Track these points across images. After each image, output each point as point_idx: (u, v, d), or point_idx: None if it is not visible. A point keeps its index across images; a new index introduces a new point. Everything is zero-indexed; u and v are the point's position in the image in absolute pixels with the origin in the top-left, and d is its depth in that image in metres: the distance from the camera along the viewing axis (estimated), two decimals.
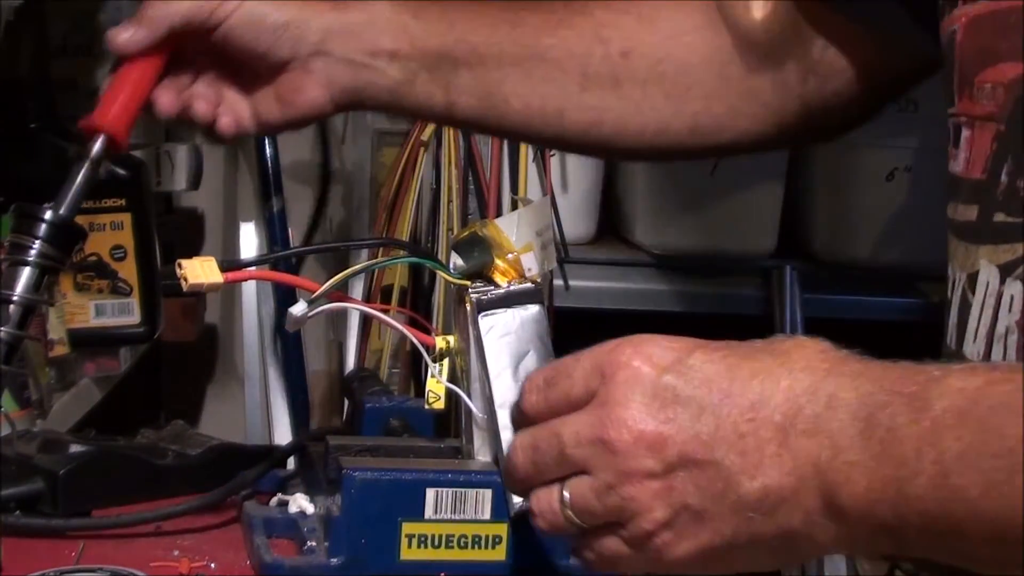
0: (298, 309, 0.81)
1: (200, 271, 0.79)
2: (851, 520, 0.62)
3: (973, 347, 0.77)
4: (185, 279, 0.79)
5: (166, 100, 0.92)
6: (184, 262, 0.80)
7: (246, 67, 0.93)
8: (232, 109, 0.94)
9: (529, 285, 0.82)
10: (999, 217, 0.76)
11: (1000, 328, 0.75)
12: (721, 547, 0.66)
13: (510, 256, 0.83)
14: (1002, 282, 0.75)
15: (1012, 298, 0.73)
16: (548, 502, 0.69)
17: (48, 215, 0.86)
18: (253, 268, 0.84)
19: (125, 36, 0.90)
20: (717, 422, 0.65)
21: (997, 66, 0.77)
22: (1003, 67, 0.76)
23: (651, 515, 0.66)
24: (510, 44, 0.96)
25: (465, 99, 0.96)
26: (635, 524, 0.66)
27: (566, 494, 0.68)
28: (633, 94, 0.98)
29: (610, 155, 1.22)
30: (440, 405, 0.83)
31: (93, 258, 1.45)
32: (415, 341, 0.83)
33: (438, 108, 0.96)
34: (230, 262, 0.81)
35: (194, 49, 0.93)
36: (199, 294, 1.32)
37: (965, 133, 0.80)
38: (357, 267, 0.91)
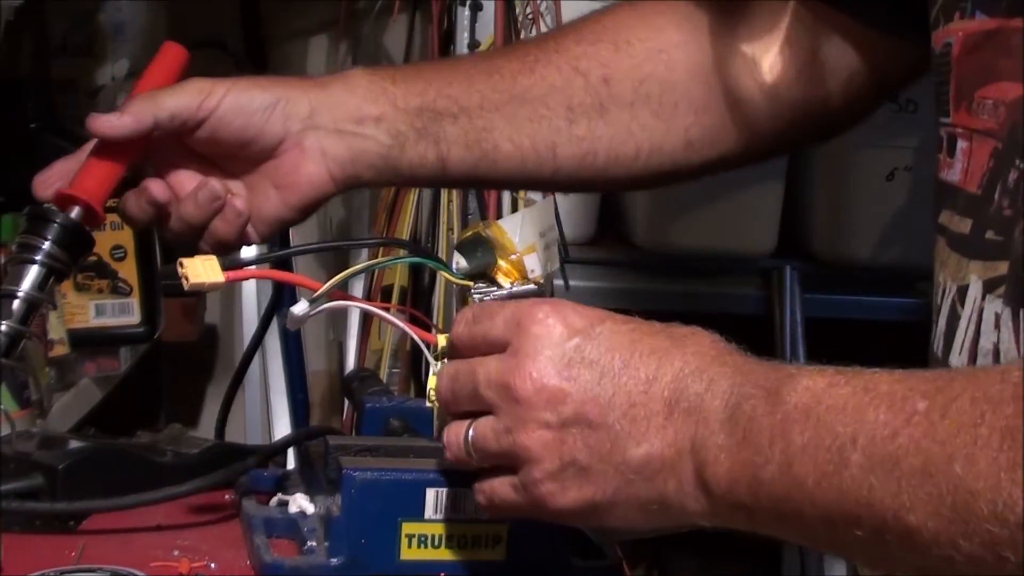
0: (300, 308, 0.81)
1: (201, 270, 0.79)
2: (715, 496, 0.68)
3: (959, 359, 0.80)
4: (186, 278, 0.79)
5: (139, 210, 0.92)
6: (185, 261, 0.79)
7: (232, 164, 0.93)
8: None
9: (532, 286, 0.82)
10: (989, 235, 0.78)
11: (984, 344, 0.78)
12: (601, 502, 0.72)
13: (513, 257, 0.83)
14: (983, 298, 0.78)
15: (996, 316, 0.76)
16: (456, 434, 0.76)
17: (60, 218, 0.86)
18: (254, 267, 0.84)
19: (109, 120, 0.89)
20: (615, 389, 0.71)
21: (999, 84, 0.78)
22: (1004, 85, 0.77)
23: (541, 464, 0.72)
24: (490, 91, 0.97)
25: (456, 152, 0.97)
26: (526, 471, 0.72)
27: (471, 430, 0.74)
28: (621, 118, 0.99)
29: (608, 185, 1.23)
30: None
31: (93, 258, 1.45)
32: (416, 339, 0.82)
33: (431, 166, 0.97)
34: (231, 261, 0.81)
35: (169, 158, 0.93)
36: (199, 293, 1.32)
37: (962, 145, 0.81)
38: (359, 267, 0.91)
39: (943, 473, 0.57)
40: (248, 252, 2.33)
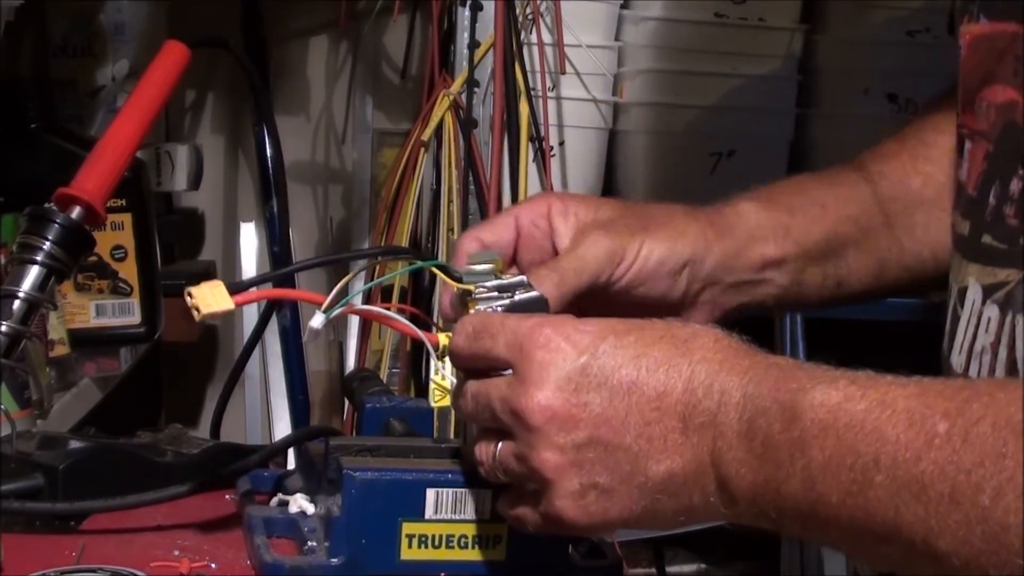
0: (317, 322, 0.81)
1: (211, 298, 0.77)
2: (740, 506, 0.68)
3: (958, 358, 0.80)
4: (197, 309, 0.76)
5: None
6: (193, 290, 0.77)
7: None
8: None
9: (535, 294, 0.81)
10: (986, 239, 0.78)
11: (977, 347, 0.78)
12: (628, 519, 0.72)
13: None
14: (983, 303, 0.78)
15: (989, 320, 0.77)
16: (487, 453, 0.76)
17: (60, 218, 0.86)
18: (257, 288, 0.82)
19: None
20: (627, 408, 0.70)
21: (994, 87, 0.79)
22: (997, 88, 0.78)
23: (560, 489, 0.72)
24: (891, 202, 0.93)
25: (857, 272, 0.93)
26: (547, 497, 0.73)
27: (499, 447, 0.75)
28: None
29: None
30: (446, 402, 0.83)
31: (93, 258, 1.45)
32: (422, 337, 0.82)
33: (828, 289, 0.94)
34: (236, 284, 0.80)
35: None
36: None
37: (968, 145, 0.83)
38: (361, 278, 0.91)
39: (971, 503, 0.57)
40: (248, 253, 2.33)
